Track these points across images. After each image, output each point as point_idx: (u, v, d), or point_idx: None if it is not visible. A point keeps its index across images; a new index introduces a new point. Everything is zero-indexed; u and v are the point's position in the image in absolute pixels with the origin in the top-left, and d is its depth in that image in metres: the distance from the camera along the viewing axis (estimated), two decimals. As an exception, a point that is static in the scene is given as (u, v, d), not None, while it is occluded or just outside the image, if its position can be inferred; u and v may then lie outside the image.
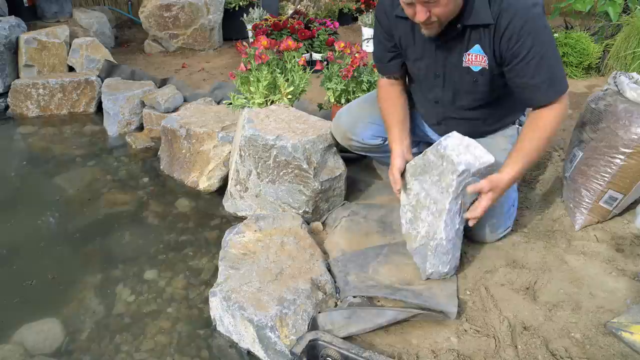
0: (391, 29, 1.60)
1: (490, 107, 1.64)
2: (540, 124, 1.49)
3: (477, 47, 1.47)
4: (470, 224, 1.49)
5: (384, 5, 1.60)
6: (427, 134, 1.89)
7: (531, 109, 1.54)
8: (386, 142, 1.87)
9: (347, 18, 5.03)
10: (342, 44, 2.37)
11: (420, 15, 1.34)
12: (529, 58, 1.40)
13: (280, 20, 3.66)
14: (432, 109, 1.75)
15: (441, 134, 1.83)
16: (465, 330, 1.41)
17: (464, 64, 1.52)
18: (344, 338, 1.37)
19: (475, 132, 1.65)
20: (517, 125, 1.78)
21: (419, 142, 1.99)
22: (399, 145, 1.62)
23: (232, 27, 4.32)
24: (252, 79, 2.19)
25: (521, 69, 1.43)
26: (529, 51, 1.39)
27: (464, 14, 1.41)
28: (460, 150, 1.41)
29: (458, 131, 1.49)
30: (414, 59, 1.63)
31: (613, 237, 1.76)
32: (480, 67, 1.50)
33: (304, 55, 2.41)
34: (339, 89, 2.27)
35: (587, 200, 1.78)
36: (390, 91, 1.76)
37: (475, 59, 1.49)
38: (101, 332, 1.55)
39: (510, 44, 1.40)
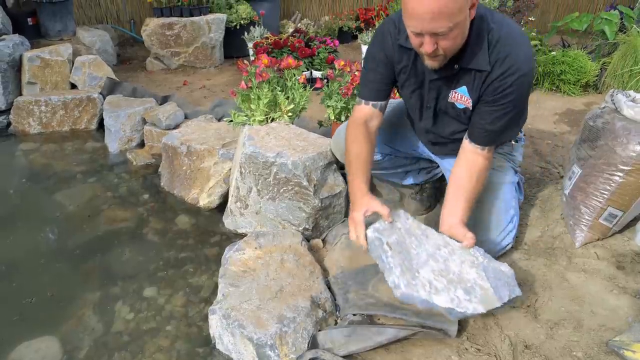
0: (393, 56, 1.59)
1: None
2: (477, 174, 1.55)
3: (464, 88, 1.51)
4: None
5: (389, 32, 1.57)
6: (422, 152, 1.90)
7: (466, 138, 1.58)
8: (385, 158, 1.88)
9: (347, 36, 5.09)
10: (342, 62, 2.40)
11: (427, 47, 1.35)
12: (499, 107, 1.47)
13: (280, 39, 3.71)
14: (425, 134, 1.78)
15: (435, 153, 1.85)
16: (467, 349, 1.40)
17: (450, 100, 1.56)
18: (344, 357, 1.36)
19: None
20: (513, 142, 1.79)
21: (417, 170, 2.01)
22: (361, 197, 1.56)
23: (233, 45, 4.37)
24: (252, 96, 2.21)
25: (487, 112, 1.50)
26: (503, 104, 1.46)
27: (464, 56, 1.44)
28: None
29: (452, 152, 1.53)
30: (410, 90, 1.63)
31: (613, 255, 1.76)
32: (464, 106, 1.55)
33: (304, 73, 2.44)
34: (339, 107, 2.29)
35: (586, 217, 1.78)
36: (361, 132, 1.64)
37: (460, 98, 1.53)
38: (100, 350, 1.54)
39: (494, 91, 1.45)
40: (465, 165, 1.56)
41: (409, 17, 1.32)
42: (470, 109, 1.53)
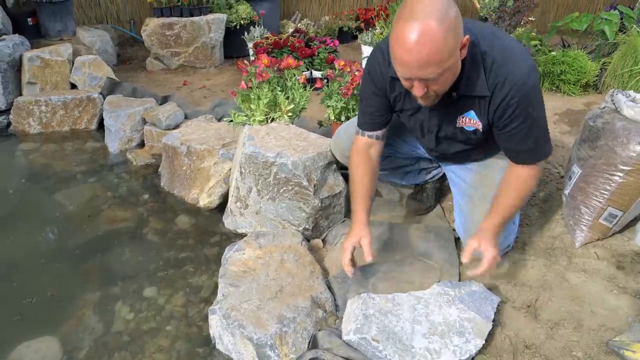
0: (386, 88, 1.56)
1: (485, 144, 1.64)
2: (518, 183, 1.52)
3: (471, 112, 1.48)
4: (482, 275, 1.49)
5: (378, 63, 1.53)
6: (422, 153, 1.90)
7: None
8: (385, 159, 1.88)
9: (347, 36, 5.09)
10: (342, 62, 2.40)
11: (417, 90, 1.33)
12: (518, 129, 1.43)
13: (280, 39, 3.70)
14: (428, 150, 1.78)
15: (437, 158, 1.86)
16: (467, 349, 1.39)
17: (458, 125, 1.54)
18: (344, 357, 1.36)
19: (469, 160, 1.67)
20: None
21: (417, 170, 2.01)
22: (359, 227, 1.59)
23: (233, 45, 4.37)
24: (252, 96, 2.21)
25: (510, 136, 1.46)
26: (519, 124, 1.41)
27: (460, 85, 1.40)
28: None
29: (455, 162, 1.52)
30: (408, 115, 1.62)
31: (613, 255, 1.76)
32: (473, 128, 1.52)
33: (304, 73, 2.44)
34: (339, 107, 2.29)
35: (586, 217, 1.78)
36: (364, 159, 1.66)
37: (469, 121, 1.51)
38: (100, 350, 1.54)
39: (504, 115, 1.42)
40: (506, 174, 1.55)
41: (397, 64, 1.29)
42: (481, 130, 1.51)
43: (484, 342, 1.37)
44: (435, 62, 1.23)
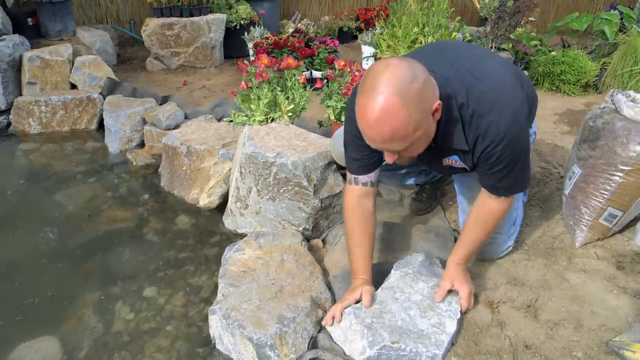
0: None
1: None
2: (488, 219, 1.51)
3: (455, 157, 1.45)
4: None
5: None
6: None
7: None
8: (385, 163, 1.87)
9: (347, 36, 5.09)
10: (342, 62, 2.40)
11: (388, 159, 1.30)
12: (500, 172, 1.38)
13: (280, 39, 3.70)
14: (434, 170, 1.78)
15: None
16: (467, 349, 1.39)
17: (445, 164, 1.51)
18: (345, 357, 1.36)
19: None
20: None
21: (417, 171, 2.01)
22: (359, 283, 1.51)
23: (233, 45, 4.37)
24: (252, 96, 2.21)
25: (490, 175, 1.41)
26: (502, 167, 1.37)
27: (439, 138, 1.34)
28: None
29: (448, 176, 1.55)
30: None
31: (613, 255, 1.76)
32: (461, 166, 1.49)
33: (304, 73, 2.44)
34: (339, 107, 2.29)
35: (586, 217, 1.78)
36: (358, 214, 1.55)
37: (455, 162, 1.48)
38: (99, 350, 1.54)
39: (487, 162, 1.37)
40: (476, 208, 1.53)
41: (363, 135, 1.24)
42: (468, 169, 1.47)
43: (459, 297, 1.48)
44: (400, 137, 1.18)
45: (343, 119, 2.31)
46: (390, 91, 1.13)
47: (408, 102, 1.14)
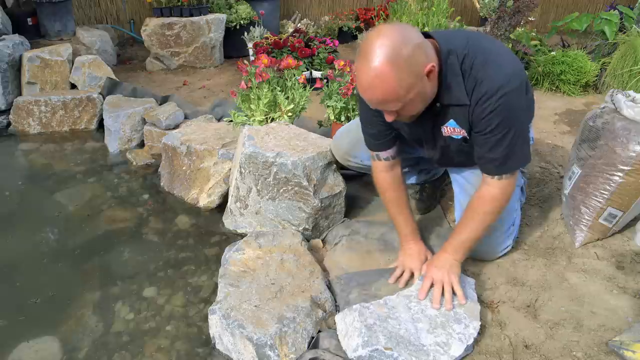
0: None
1: None
2: (478, 205, 1.51)
3: (452, 121, 1.46)
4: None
5: None
6: (423, 154, 1.89)
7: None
8: None
9: (346, 36, 5.08)
10: (342, 62, 2.40)
11: (387, 118, 1.37)
12: (492, 134, 1.39)
13: (280, 39, 3.71)
14: (435, 163, 1.79)
15: (441, 166, 1.87)
16: (466, 349, 1.39)
17: (444, 134, 1.52)
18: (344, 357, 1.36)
19: (473, 167, 1.66)
20: None
21: (417, 170, 2.01)
22: (414, 245, 1.65)
23: (233, 45, 4.37)
24: (252, 96, 2.21)
25: (482, 141, 1.42)
26: (493, 128, 1.37)
27: (441, 94, 1.38)
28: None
29: (456, 166, 1.57)
30: (400, 127, 1.61)
31: (613, 255, 1.76)
32: (460, 137, 1.50)
33: (304, 73, 2.44)
34: (339, 107, 2.29)
35: (586, 217, 1.78)
36: (389, 182, 1.69)
37: (453, 130, 1.48)
38: (99, 350, 1.54)
39: (479, 118, 1.38)
40: (474, 196, 1.54)
41: (361, 95, 1.32)
42: (468, 137, 1.48)
43: (479, 322, 1.40)
44: (392, 99, 1.26)
45: (343, 118, 2.32)
46: (381, 58, 1.21)
47: (397, 67, 1.21)
